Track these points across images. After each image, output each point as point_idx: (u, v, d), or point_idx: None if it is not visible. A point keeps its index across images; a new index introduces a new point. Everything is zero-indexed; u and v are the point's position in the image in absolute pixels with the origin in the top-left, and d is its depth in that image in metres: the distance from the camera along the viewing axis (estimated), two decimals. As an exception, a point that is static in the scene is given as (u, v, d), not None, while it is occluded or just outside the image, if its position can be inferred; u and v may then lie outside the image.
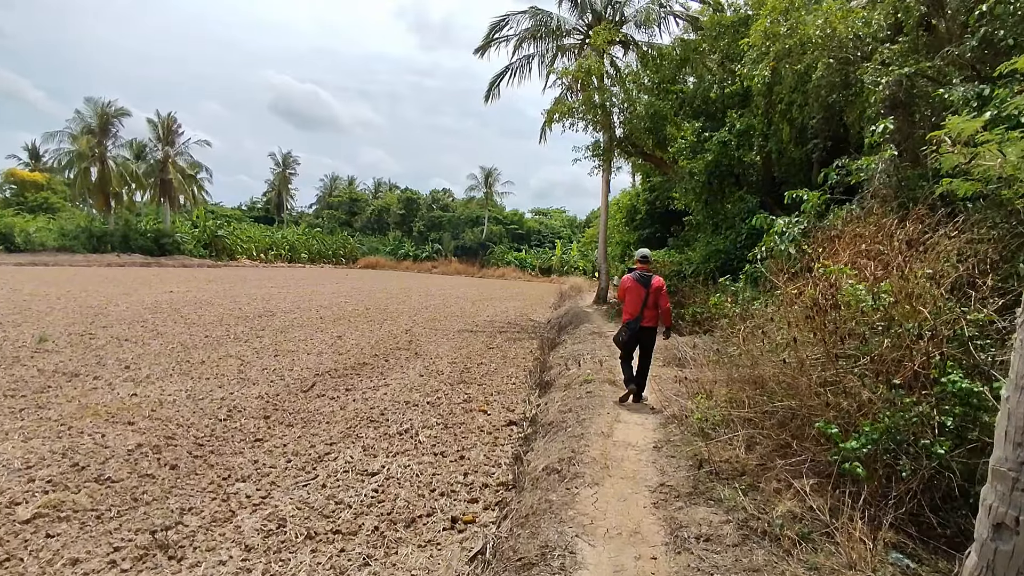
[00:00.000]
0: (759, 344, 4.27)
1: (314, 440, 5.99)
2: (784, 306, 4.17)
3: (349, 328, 14.59)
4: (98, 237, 42.63)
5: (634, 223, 25.28)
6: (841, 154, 12.80)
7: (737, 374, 4.40)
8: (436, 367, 10.31)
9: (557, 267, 50.90)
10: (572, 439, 5.20)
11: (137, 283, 24.73)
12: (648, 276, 6.66)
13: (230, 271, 39.63)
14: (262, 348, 11.22)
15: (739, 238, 12.83)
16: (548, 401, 7.39)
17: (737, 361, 4.59)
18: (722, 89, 18.38)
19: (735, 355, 4.77)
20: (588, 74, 14.61)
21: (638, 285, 6.60)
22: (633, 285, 6.64)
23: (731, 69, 14.62)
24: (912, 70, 7.13)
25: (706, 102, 17.72)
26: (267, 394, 7.74)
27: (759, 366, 4.14)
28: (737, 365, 4.53)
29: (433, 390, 8.51)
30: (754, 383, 4.23)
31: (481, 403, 7.89)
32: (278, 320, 15.34)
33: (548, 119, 16.64)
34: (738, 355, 4.52)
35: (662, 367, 8.88)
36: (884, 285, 3.70)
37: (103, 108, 43.57)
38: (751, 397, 4.19)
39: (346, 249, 62.46)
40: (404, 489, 4.80)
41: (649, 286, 6.55)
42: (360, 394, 8.07)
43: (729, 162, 13.26)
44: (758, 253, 7.65)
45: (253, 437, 5.97)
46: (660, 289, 6.61)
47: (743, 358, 4.35)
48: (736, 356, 4.62)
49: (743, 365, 4.34)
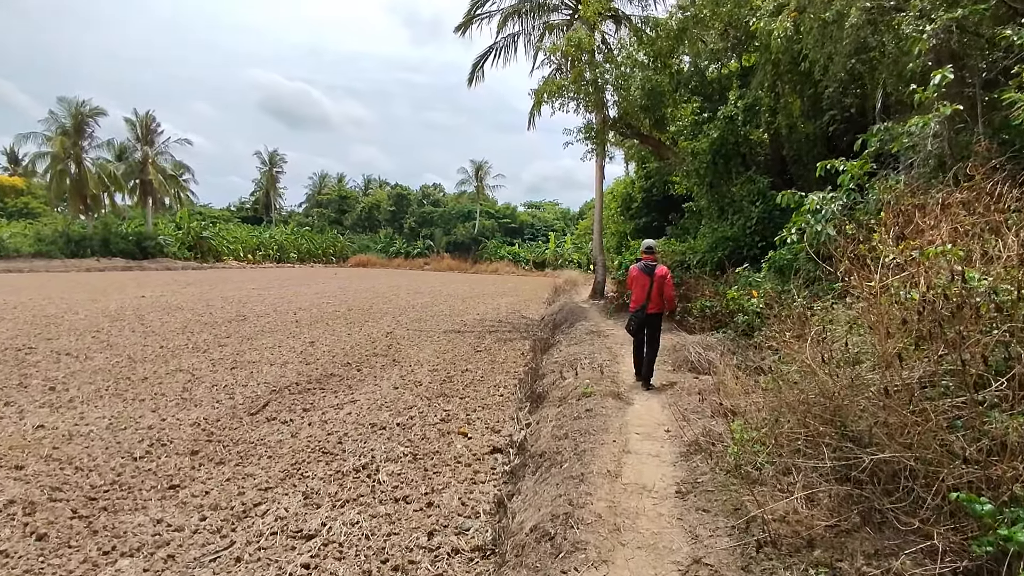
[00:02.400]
0: (822, 356, 3.07)
1: (245, 484, 4.77)
2: (867, 306, 2.99)
3: (325, 332, 13.34)
4: (76, 242, 41.12)
5: (630, 212, 24.10)
6: (858, 128, 11.63)
7: (791, 397, 3.22)
8: (414, 377, 9.08)
9: (551, 261, 49.67)
10: (569, 482, 3.99)
11: (111, 288, 23.36)
12: (653, 265, 7.00)
13: (214, 273, 38.20)
14: (220, 359, 9.97)
15: (749, 223, 11.63)
16: (540, 419, 6.19)
17: (790, 378, 3.41)
18: (719, 68, 17.21)
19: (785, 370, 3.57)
20: (578, 48, 13.35)
21: (643, 274, 6.98)
22: (639, 275, 7.03)
23: (736, 38, 13.38)
24: (966, 11, 5.92)
25: (703, 83, 16.51)
26: (206, 419, 6.51)
27: (827, 388, 2.94)
28: (791, 383, 3.34)
29: (407, 407, 7.28)
30: (817, 409, 3.03)
31: (461, 423, 6.67)
32: (249, 325, 14.08)
33: (537, 100, 15.35)
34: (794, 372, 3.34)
35: (671, 372, 7.69)
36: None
37: (77, 108, 41.98)
38: (815, 430, 3.00)
39: (336, 248, 61.02)
40: (345, 562, 3.58)
41: (653, 275, 6.91)
42: (320, 415, 6.84)
43: (736, 140, 12.05)
44: (786, 236, 6.43)
45: (168, 482, 4.73)
46: (664, 277, 6.94)
47: (803, 379, 3.16)
48: (789, 373, 3.43)
49: (803, 386, 3.15)
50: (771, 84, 12.90)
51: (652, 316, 6.98)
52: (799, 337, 3.53)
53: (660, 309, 7.03)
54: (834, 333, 3.28)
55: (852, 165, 6.01)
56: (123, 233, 43.60)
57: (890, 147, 6.36)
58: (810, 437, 3.05)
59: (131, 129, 46.60)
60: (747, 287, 8.11)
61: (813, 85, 11.67)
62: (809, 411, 3.05)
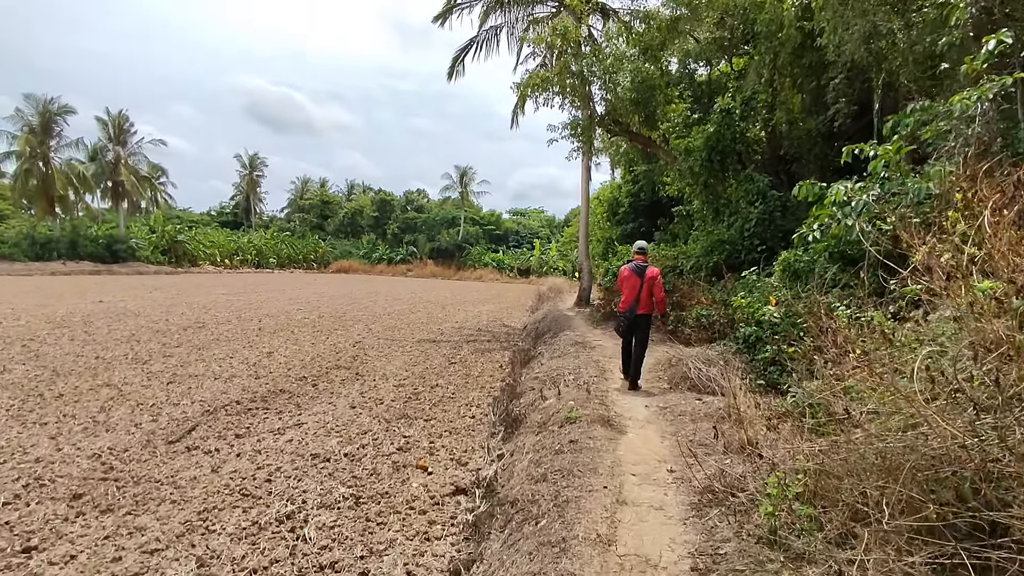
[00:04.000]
0: (931, 392, 2.09)
1: (128, 544, 3.66)
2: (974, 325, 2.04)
3: (287, 341, 12.20)
4: (42, 244, 39.37)
5: (616, 217, 23.22)
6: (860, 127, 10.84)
7: (872, 451, 2.24)
8: (376, 393, 8.01)
9: (536, 268, 48.74)
10: (547, 551, 2.97)
11: (70, 293, 21.95)
12: (643, 266, 6.93)
13: (186, 278, 36.67)
14: (159, 372, 8.82)
15: (747, 225, 10.73)
16: (515, 450, 5.16)
17: (858, 420, 2.42)
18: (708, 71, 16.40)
19: (855, 409, 2.55)
20: (564, 38, 12.43)
21: (634, 275, 6.90)
22: (629, 275, 6.95)
23: (731, 29, 12.54)
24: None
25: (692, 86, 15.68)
26: (112, 449, 5.38)
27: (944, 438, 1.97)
28: (871, 433, 2.34)
29: (361, 431, 6.19)
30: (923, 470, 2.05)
31: (422, 455, 5.60)
32: (205, 333, 12.89)
33: (521, 96, 14.41)
34: (878, 415, 2.36)
35: (669, 390, 6.70)
36: None
37: (45, 105, 40.33)
38: (906, 498, 2.03)
39: (317, 253, 59.54)
40: None
41: (644, 276, 6.83)
42: (254, 442, 5.74)
43: (732, 136, 11.17)
44: (806, 233, 5.48)
45: (22, 544, 3.62)
46: (654, 279, 6.87)
47: (890, 422, 2.19)
48: (861, 413, 2.44)
49: (894, 437, 2.17)
50: (768, 79, 12.09)
51: (641, 317, 6.91)
52: (866, 363, 2.56)
53: (650, 311, 6.99)
54: (938, 361, 2.29)
55: (886, 149, 5.10)
56: (92, 236, 41.85)
57: (922, 133, 5.45)
58: (874, 495, 2.06)
59: (103, 129, 44.94)
60: (754, 293, 7.13)
61: (816, 77, 10.86)
62: (905, 472, 2.05)
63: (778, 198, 10.76)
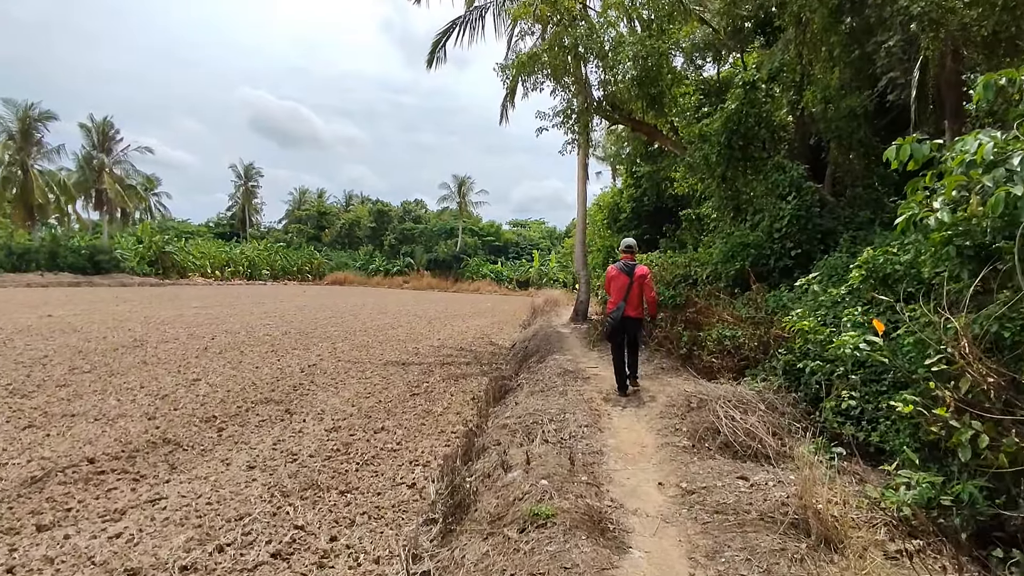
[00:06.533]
0: None
1: None
2: None
3: (227, 365, 10.23)
4: (19, 255, 37.59)
5: (618, 224, 21.27)
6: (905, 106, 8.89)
7: None
8: (297, 443, 6.00)
9: (535, 279, 46.75)
10: None
11: (22, 306, 20.00)
12: (632, 265, 6.60)
13: (169, 290, 34.73)
14: (31, 408, 6.89)
15: (777, 224, 8.71)
16: (451, 566, 3.15)
17: None
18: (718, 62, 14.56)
19: None
20: (555, 7, 10.56)
21: (622, 274, 6.55)
22: (617, 274, 6.60)
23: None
24: None
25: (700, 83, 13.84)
26: None
27: None
28: None
29: (235, 516, 4.17)
30: None
31: (311, 562, 3.60)
32: (135, 354, 10.93)
33: (512, 82, 12.51)
34: None
35: (691, 449, 4.66)
36: None
37: (25, 111, 38.79)
38: None
39: (312, 264, 57.67)
40: None
41: (633, 275, 6.50)
42: (60, 540, 3.74)
43: (757, 117, 9.21)
44: (919, 215, 3.41)
45: None
46: (644, 278, 6.57)
47: None
48: None
49: None
50: (797, 53, 10.15)
51: (630, 320, 6.55)
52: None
53: (640, 314, 6.68)
54: None
55: None
56: (74, 246, 40.09)
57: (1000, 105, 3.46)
58: None
59: (86, 135, 43.32)
60: (820, 310, 5.07)
61: (860, 44, 8.92)
62: None
63: (815, 191, 8.79)
